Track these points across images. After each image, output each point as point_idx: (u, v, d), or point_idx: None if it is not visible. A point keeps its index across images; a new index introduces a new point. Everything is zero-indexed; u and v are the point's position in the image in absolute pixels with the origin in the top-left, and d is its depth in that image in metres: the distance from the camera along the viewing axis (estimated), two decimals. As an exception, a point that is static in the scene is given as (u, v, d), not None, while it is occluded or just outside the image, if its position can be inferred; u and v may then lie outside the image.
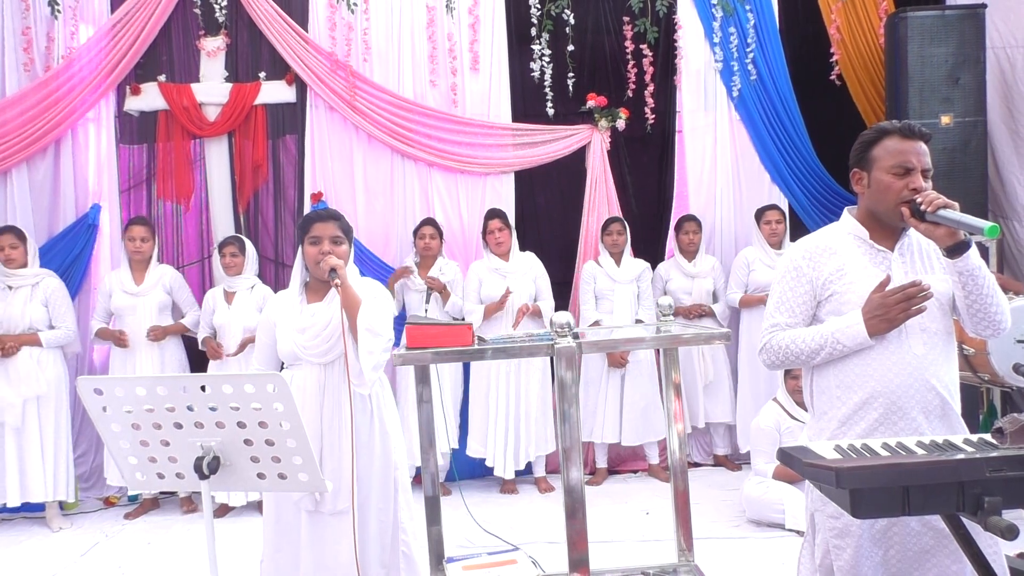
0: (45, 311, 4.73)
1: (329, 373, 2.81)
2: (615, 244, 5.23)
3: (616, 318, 5.11)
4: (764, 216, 5.29)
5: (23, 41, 5.19)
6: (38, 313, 4.70)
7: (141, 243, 4.88)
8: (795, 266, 2.27)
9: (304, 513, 2.80)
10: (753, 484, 4.40)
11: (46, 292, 4.74)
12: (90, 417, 2.19)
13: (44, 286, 4.75)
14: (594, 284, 5.23)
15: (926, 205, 2.07)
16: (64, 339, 4.78)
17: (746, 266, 5.27)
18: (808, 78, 5.70)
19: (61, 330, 4.76)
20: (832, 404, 2.20)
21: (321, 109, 5.40)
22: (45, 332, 4.72)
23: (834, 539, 2.16)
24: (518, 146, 5.51)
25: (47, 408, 4.70)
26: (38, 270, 4.79)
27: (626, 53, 5.60)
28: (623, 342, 3.57)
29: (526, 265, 5.14)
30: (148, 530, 4.67)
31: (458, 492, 4.56)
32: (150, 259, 4.95)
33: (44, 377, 4.68)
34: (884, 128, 2.23)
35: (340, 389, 2.79)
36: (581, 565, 2.58)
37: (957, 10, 5.18)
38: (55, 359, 4.77)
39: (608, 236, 5.24)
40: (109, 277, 5.01)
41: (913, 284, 2.07)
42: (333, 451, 2.79)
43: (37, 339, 4.68)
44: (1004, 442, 1.63)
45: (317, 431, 2.78)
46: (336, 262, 2.72)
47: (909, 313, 2.07)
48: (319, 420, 2.80)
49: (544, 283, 5.17)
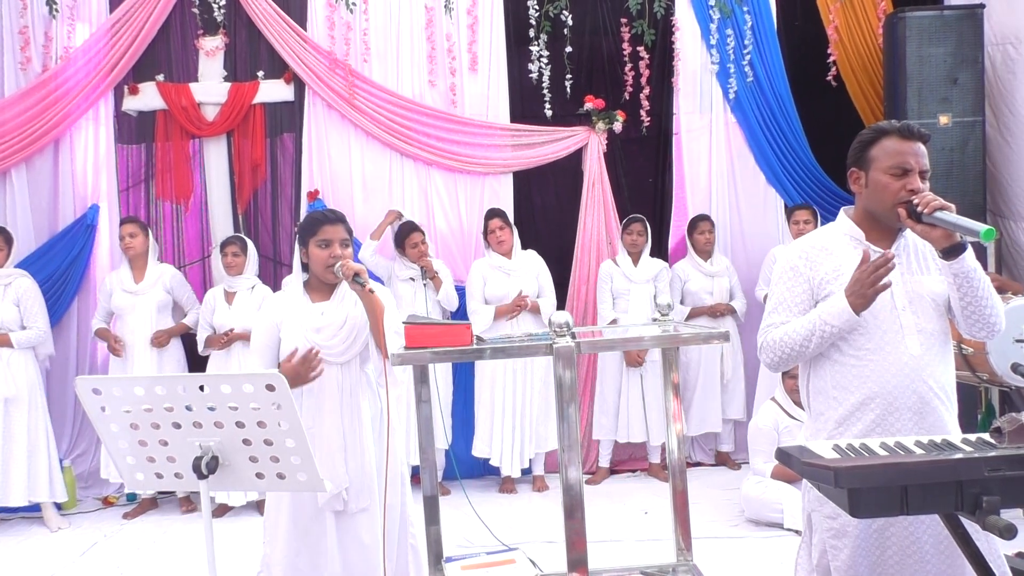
0: (17, 311, 4.69)
1: (346, 372, 2.80)
2: (635, 244, 5.24)
3: (632, 317, 5.12)
4: (793, 216, 5.26)
5: (21, 40, 5.19)
6: (10, 313, 4.67)
7: (130, 239, 4.87)
8: (792, 267, 2.28)
9: (330, 514, 2.79)
10: (752, 484, 4.40)
11: (18, 292, 4.70)
12: (88, 417, 2.19)
13: (16, 286, 4.71)
14: (611, 283, 5.24)
15: (922, 207, 2.07)
16: (35, 339, 4.74)
17: (773, 263, 5.28)
18: (806, 78, 5.70)
19: (32, 330, 4.72)
20: (829, 405, 2.21)
21: (319, 108, 5.40)
22: (16, 332, 4.67)
23: (831, 539, 2.16)
24: (516, 147, 5.52)
25: (19, 411, 4.64)
26: (11, 270, 4.76)
27: (623, 55, 5.60)
28: (620, 342, 3.57)
29: (529, 263, 5.15)
30: (147, 530, 4.66)
31: (461, 489, 4.56)
32: (146, 257, 4.94)
33: (14, 379, 4.63)
34: (883, 128, 2.23)
35: (357, 388, 2.80)
36: (579, 565, 2.58)
37: (955, 10, 5.19)
38: (27, 361, 4.72)
39: (628, 235, 5.25)
40: (110, 277, 5.00)
41: (885, 258, 2.06)
42: (355, 450, 2.78)
43: (8, 339, 4.63)
44: (1002, 441, 1.63)
45: (339, 430, 2.77)
46: (359, 266, 2.70)
47: (877, 288, 2.06)
48: (340, 420, 2.78)
49: (546, 281, 5.18)
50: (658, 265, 5.31)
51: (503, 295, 5.03)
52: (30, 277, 4.81)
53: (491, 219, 5.14)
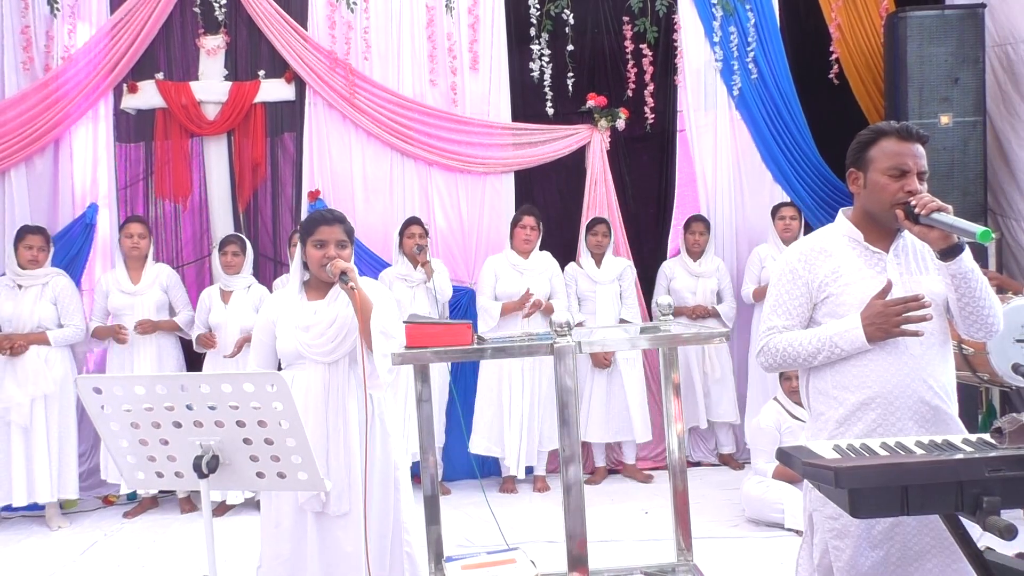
0: (54, 309, 4.74)
1: (334, 372, 2.79)
2: (599, 245, 5.23)
3: (599, 319, 5.11)
4: (779, 212, 5.29)
5: (22, 40, 5.19)
6: (47, 312, 4.71)
7: (139, 239, 4.88)
8: (791, 269, 2.28)
9: (310, 515, 2.78)
10: (753, 483, 4.40)
11: (55, 291, 4.75)
12: (89, 416, 2.19)
13: (54, 284, 4.75)
14: (576, 286, 5.24)
15: (920, 208, 2.08)
16: (73, 337, 4.79)
17: (759, 262, 5.29)
18: (809, 76, 5.70)
19: (70, 328, 4.76)
20: (829, 406, 2.21)
21: (320, 107, 5.40)
22: (54, 331, 4.72)
23: (833, 540, 2.16)
24: (518, 145, 5.52)
25: (54, 407, 4.70)
26: (48, 269, 4.79)
27: (626, 53, 5.60)
28: (620, 342, 3.56)
29: (543, 264, 5.15)
30: (147, 529, 4.66)
31: (479, 487, 4.58)
32: (146, 258, 4.95)
33: (52, 376, 4.68)
34: (881, 129, 2.23)
35: (345, 389, 2.77)
36: (580, 564, 2.58)
37: (956, 10, 5.18)
38: (63, 358, 4.78)
39: (593, 236, 5.23)
40: (105, 277, 5.00)
41: (915, 298, 2.08)
42: (339, 452, 2.76)
43: (45, 338, 4.68)
44: (1003, 442, 1.63)
45: (323, 431, 2.76)
46: (346, 265, 2.71)
47: (906, 331, 2.08)
48: (324, 420, 2.77)
49: (559, 283, 5.18)
50: (621, 264, 5.29)
51: (513, 293, 5.02)
52: (67, 276, 4.85)
53: (526, 215, 5.11)
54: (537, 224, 5.12)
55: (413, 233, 5.03)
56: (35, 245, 4.70)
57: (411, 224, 5.08)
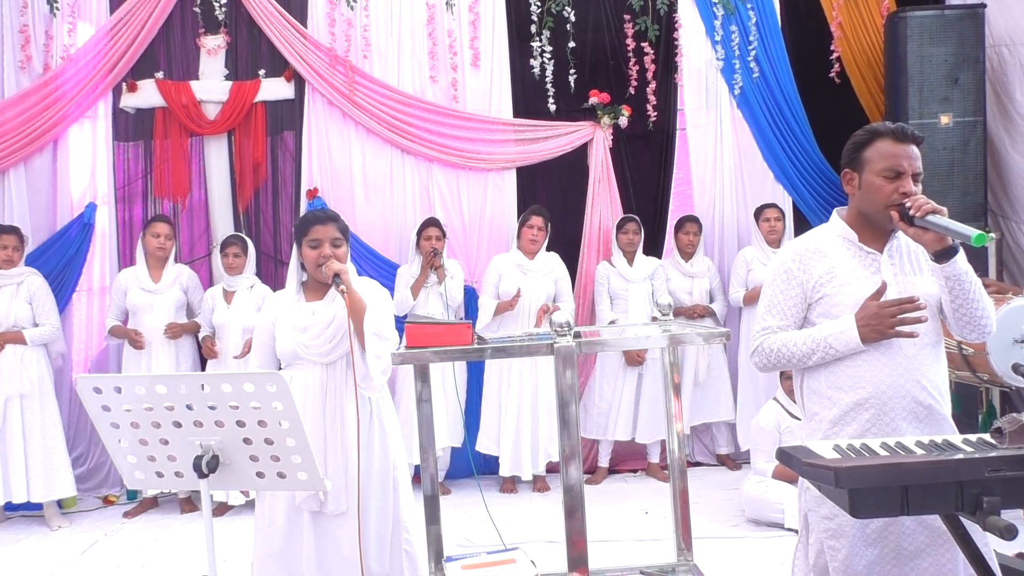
0: (29, 309, 4.72)
1: (331, 373, 2.79)
2: (631, 243, 5.25)
3: (631, 317, 5.13)
4: (763, 214, 5.31)
5: (21, 39, 5.18)
6: (23, 311, 4.69)
7: (165, 240, 4.89)
8: (785, 269, 2.28)
9: (306, 514, 2.78)
10: (753, 483, 4.40)
11: (30, 290, 4.73)
12: (89, 416, 2.19)
13: (28, 284, 4.74)
14: (608, 285, 5.25)
15: (915, 210, 2.09)
16: (49, 336, 4.78)
17: (745, 265, 5.29)
18: (811, 75, 5.69)
19: (46, 327, 4.75)
20: (823, 406, 2.21)
21: (320, 105, 5.40)
22: (30, 330, 4.70)
23: (828, 539, 2.16)
24: (520, 142, 5.51)
25: (31, 407, 4.67)
26: (23, 268, 4.78)
27: (627, 51, 5.59)
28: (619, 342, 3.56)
29: (548, 265, 5.14)
30: (147, 529, 4.66)
31: (476, 488, 4.58)
32: (168, 258, 4.95)
33: (27, 375, 4.66)
34: (876, 130, 2.24)
35: (342, 389, 2.78)
36: (580, 564, 2.58)
37: (956, 10, 5.18)
38: (38, 357, 4.75)
39: (624, 235, 5.25)
40: (124, 275, 4.97)
41: (910, 300, 2.08)
42: (336, 452, 2.77)
43: (22, 337, 4.66)
44: (1003, 442, 1.63)
45: (320, 432, 2.76)
46: (339, 267, 2.71)
47: (901, 332, 2.08)
48: (322, 421, 2.77)
49: (565, 284, 5.18)
50: (653, 263, 5.31)
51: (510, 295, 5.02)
52: (40, 275, 4.83)
53: (535, 216, 5.11)
54: (545, 225, 5.12)
55: (430, 235, 4.99)
56: (9, 245, 4.69)
57: (429, 226, 5.05)
